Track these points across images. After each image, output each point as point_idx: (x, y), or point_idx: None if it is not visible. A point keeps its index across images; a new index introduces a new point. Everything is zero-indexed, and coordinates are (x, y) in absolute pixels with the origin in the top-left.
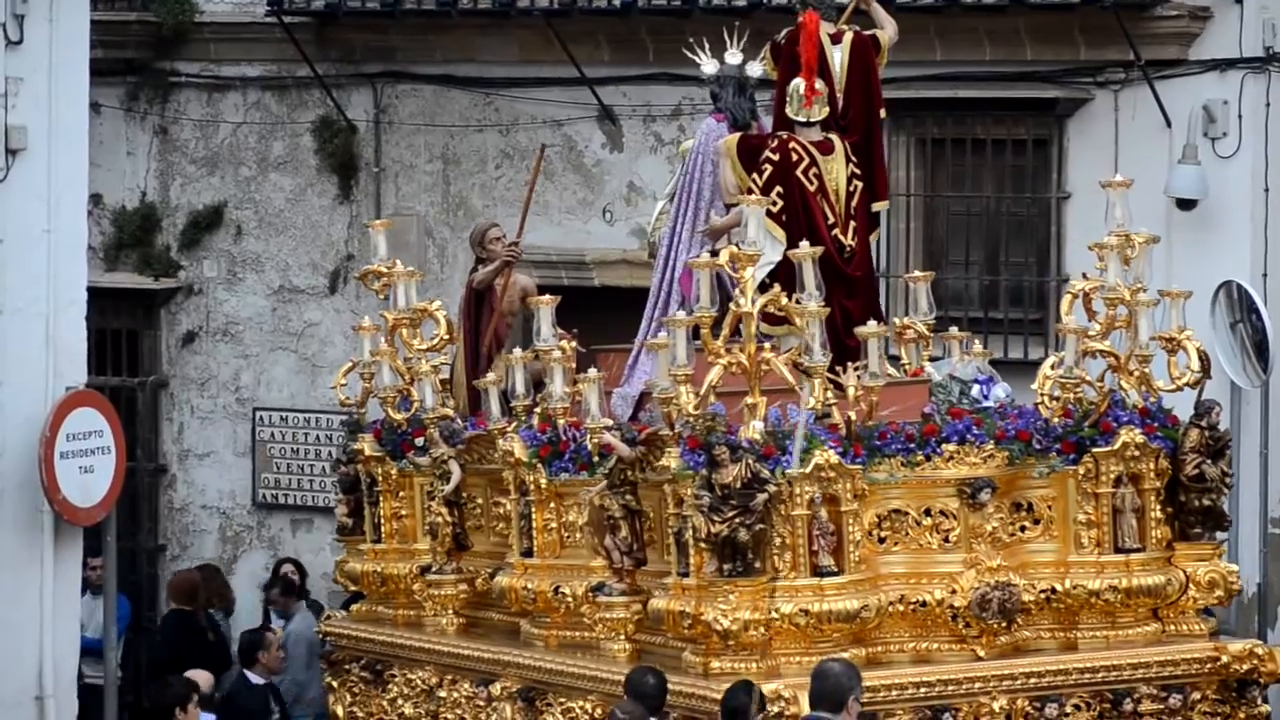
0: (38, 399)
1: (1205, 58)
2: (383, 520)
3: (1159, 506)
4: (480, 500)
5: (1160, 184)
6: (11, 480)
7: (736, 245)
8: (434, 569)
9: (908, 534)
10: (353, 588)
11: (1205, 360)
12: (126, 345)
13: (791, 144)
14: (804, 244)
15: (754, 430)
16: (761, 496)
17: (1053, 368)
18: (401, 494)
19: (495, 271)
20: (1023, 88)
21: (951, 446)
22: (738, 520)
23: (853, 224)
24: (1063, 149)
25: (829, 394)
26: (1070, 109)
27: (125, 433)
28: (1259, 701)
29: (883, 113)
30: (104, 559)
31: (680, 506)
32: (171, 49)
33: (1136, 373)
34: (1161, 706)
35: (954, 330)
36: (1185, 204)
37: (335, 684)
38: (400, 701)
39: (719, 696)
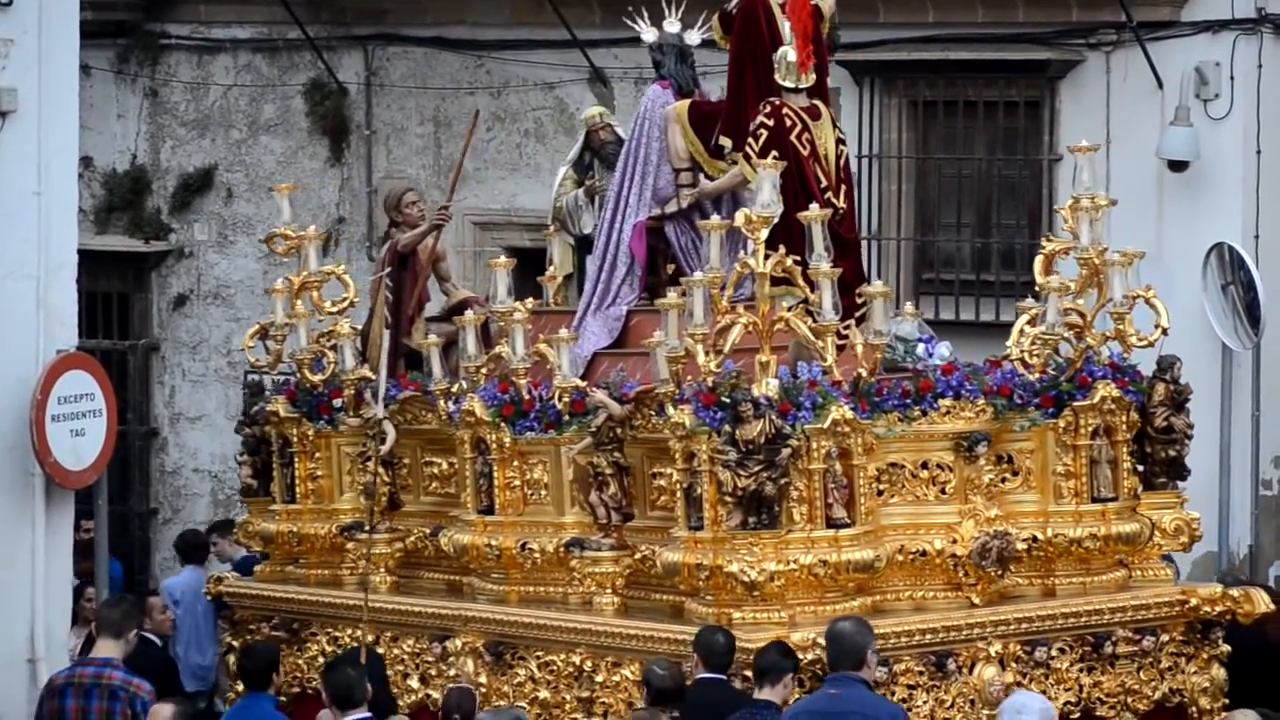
0: (29, 362)
1: (1197, 19)
2: (298, 481)
3: (1129, 458)
4: (409, 460)
5: (1152, 146)
6: (2, 443)
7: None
8: (368, 527)
9: (904, 486)
10: (256, 548)
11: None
12: (117, 308)
13: (785, 110)
14: (814, 206)
15: (769, 387)
16: (786, 451)
17: (1029, 324)
18: (318, 455)
19: (423, 234)
20: (1014, 50)
21: (947, 401)
22: (764, 474)
23: (843, 187)
24: (1054, 111)
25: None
26: (1062, 71)
27: (116, 396)
28: (1219, 642)
29: (829, 80)
30: (96, 522)
31: (691, 462)
32: (162, 11)
33: (1111, 331)
34: (1135, 648)
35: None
36: (1177, 166)
37: (238, 644)
38: (322, 660)
39: (748, 645)
